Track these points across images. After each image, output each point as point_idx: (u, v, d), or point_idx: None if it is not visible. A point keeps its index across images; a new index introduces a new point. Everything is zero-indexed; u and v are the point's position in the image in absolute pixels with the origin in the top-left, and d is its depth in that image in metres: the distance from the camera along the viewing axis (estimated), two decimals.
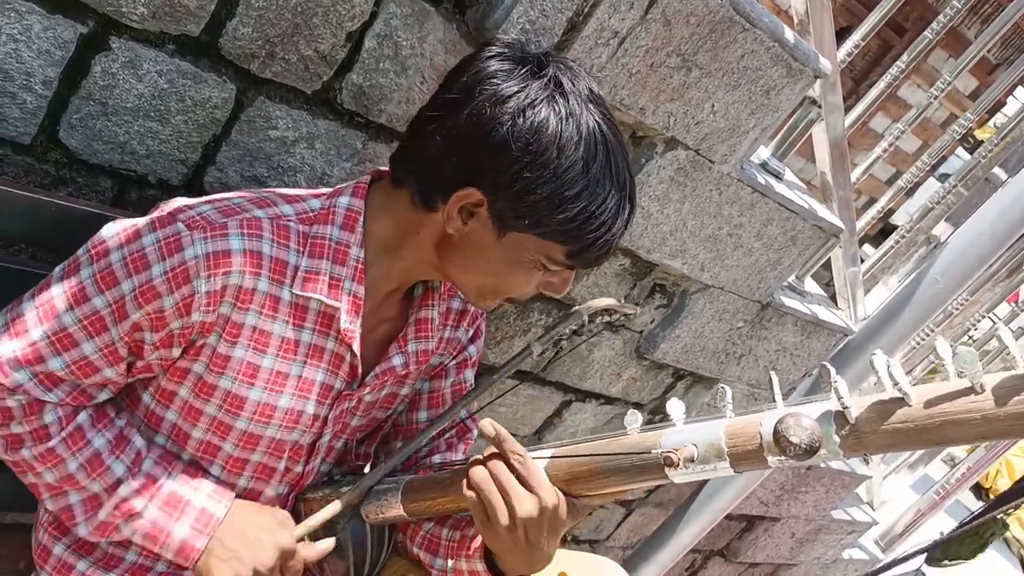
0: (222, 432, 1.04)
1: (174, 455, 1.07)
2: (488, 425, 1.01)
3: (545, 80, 0.94)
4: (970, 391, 0.78)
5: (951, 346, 0.81)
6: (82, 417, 1.01)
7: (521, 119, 0.92)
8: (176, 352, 0.99)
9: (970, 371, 0.77)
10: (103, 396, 1.02)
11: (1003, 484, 6.02)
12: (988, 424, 0.77)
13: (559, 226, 0.95)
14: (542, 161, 0.92)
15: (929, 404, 0.80)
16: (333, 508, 1.10)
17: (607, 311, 1.26)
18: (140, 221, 0.96)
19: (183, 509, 1.03)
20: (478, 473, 0.99)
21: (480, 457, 1.02)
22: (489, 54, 0.97)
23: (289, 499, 1.16)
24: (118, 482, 1.02)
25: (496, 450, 1.00)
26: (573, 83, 0.96)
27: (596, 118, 0.95)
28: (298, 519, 1.14)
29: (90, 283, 0.95)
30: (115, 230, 0.96)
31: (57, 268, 0.98)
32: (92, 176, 1.18)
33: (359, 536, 1.16)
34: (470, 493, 1.00)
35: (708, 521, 2.33)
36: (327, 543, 1.10)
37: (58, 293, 0.96)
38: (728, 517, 2.56)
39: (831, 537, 3.20)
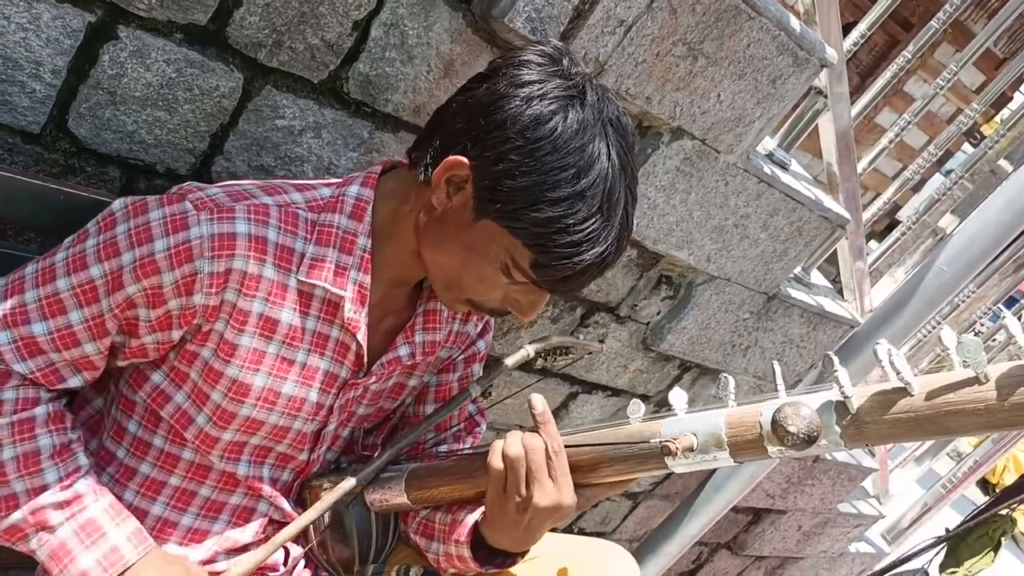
0: (224, 421, 1.04)
1: (106, 486, 1.03)
2: (537, 401, 1.01)
3: (569, 84, 0.94)
4: (974, 381, 0.78)
5: (956, 334, 0.81)
6: (39, 410, 0.98)
7: (528, 106, 0.92)
8: (176, 335, 0.98)
9: (974, 360, 0.77)
10: (73, 381, 1.00)
11: (1010, 480, 6.00)
12: (991, 415, 0.77)
13: (531, 226, 0.92)
14: (532, 150, 0.91)
15: (932, 394, 0.80)
16: (252, 557, 1.06)
17: (564, 349, 1.23)
18: (150, 198, 0.97)
19: (96, 540, 0.97)
20: (515, 449, 1.00)
21: (518, 432, 1.02)
22: (533, 49, 0.98)
23: (295, 486, 1.16)
24: (44, 487, 0.97)
25: (535, 431, 1.01)
26: (599, 101, 0.95)
27: (610, 140, 0.94)
28: (303, 506, 1.15)
29: (92, 252, 0.95)
30: (124, 204, 0.97)
31: (68, 238, 0.99)
32: (101, 165, 1.18)
33: (364, 524, 1.16)
34: (499, 463, 1.00)
35: (714, 513, 2.33)
36: None
37: (60, 259, 0.97)
38: (735, 510, 2.56)
39: (838, 530, 3.19)
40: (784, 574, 3.27)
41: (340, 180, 1.06)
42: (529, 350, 1.17)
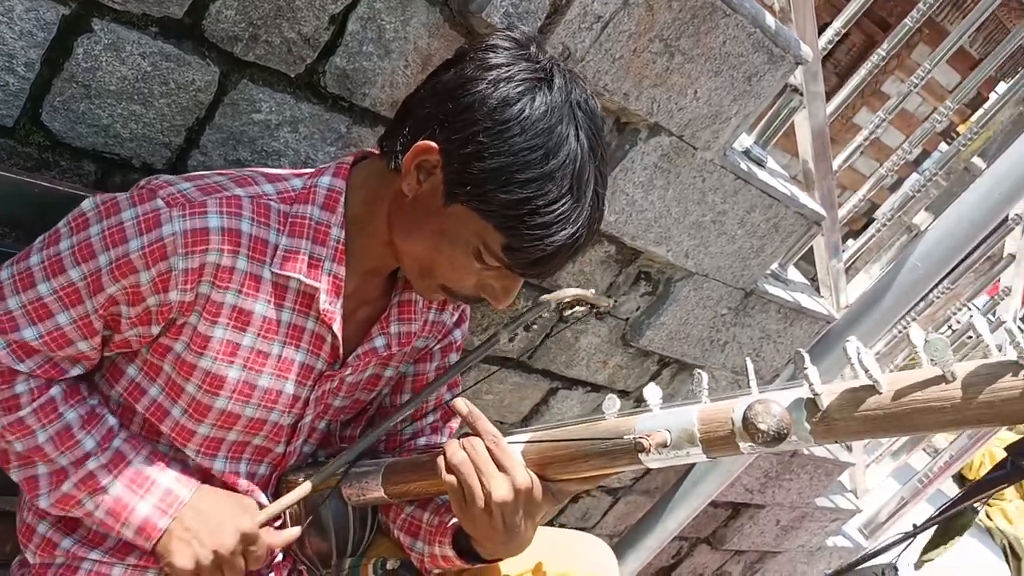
0: (200, 414, 1.04)
1: (144, 439, 1.07)
2: (461, 403, 1.02)
3: (536, 67, 0.95)
4: (941, 379, 0.79)
5: (925, 332, 0.82)
6: (55, 390, 1.02)
7: (495, 88, 0.92)
8: (155, 330, 0.99)
9: (941, 359, 0.78)
10: (75, 371, 1.03)
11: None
12: (957, 412, 0.78)
13: (501, 208, 0.93)
14: (500, 131, 0.91)
15: (900, 392, 0.81)
16: (299, 492, 1.09)
17: (580, 301, 1.23)
18: (120, 196, 0.97)
19: (148, 487, 1.03)
20: (457, 455, 1.00)
21: (456, 440, 1.02)
22: (500, 35, 0.98)
23: (272, 479, 1.16)
24: (86, 456, 1.02)
25: (472, 433, 1.02)
26: (567, 84, 0.95)
27: (579, 123, 0.94)
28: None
29: (68, 255, 0.96)
30: (95, 204, 0.97)
31: (38, 239, 0.99)
32: (75, 160, 1.18)
33: (341, 517, 1.17)
34: (449, 477, 1.01)
35: (693, 507, 2.35)
36: (292, 531, 1.10)
37: (36, 263, 0.97)
38: (713, 504, 2.58)
39: (815, 524, 3.22)
40: (763, 568, 3.30)
41: (312, 171, 1.06)
42: (550, 299, 1.16)
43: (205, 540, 1.02)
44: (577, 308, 1.20)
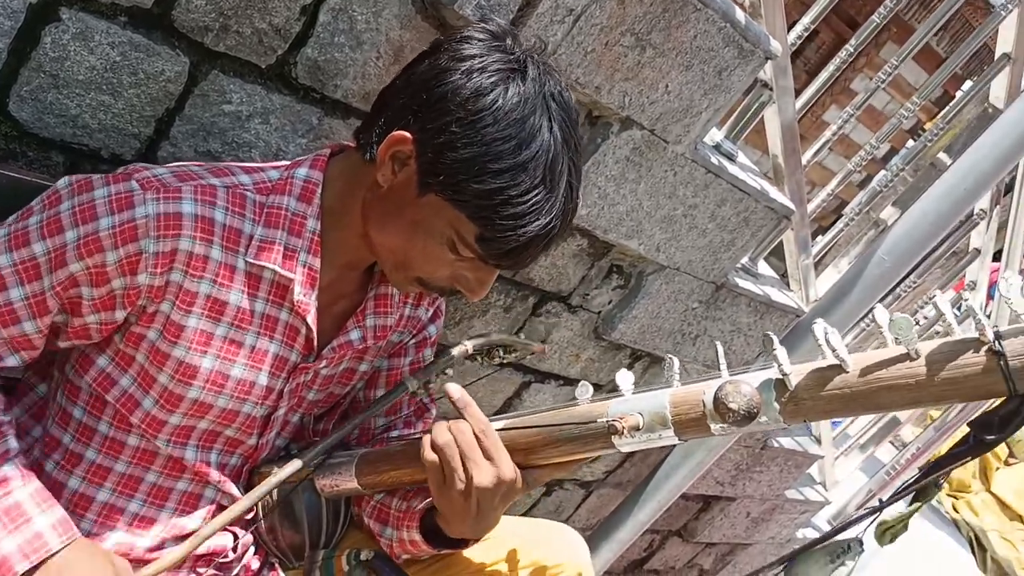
0: (172, 404, 1.03)
1: (35, 471, 0.99)
2: (454, 388, 1.02)
3: (510, 58, 0.95)
4: (905, 357, 0.81)
5: (889, 313, 0.84)
6: None
7: (468, 78, 0.93)
8: (119, 315, 0.98)
9: (905, 337, 0.80)
10: (10, 361, 0.98)
11: (955, 470, 6.13)
12: (921, 389, 0.80)
13: (474, 198, 0.93)
14: (473, 121, 0.92)
15: (865, 371, 0.83)
16: (212, 526, 1.03)
17: (504, 347, 1.21)
18: (96, 176, 0.97)
19: (19, 525, 0.93)
20: (443, 436, 1.00)
21: (443, 421, 1.03)
22: (476, 26, 0.99)
23: (243, 471, 1.16)
24: None
25: (460, 417, 1.02)
26: (541, 76, 0.96)
27: (552, 114, 0.95)
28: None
29: (35, 229, 0.94)
30: (69, 182, 0.96)
31: (12, 216, 0.98)
32: (43, 150, 1.16)
33: (314, 509, 1.17)
34: (432, 455, 1.01)
35: (665, 499, 2.37)
36: None
37: (2, 236, 0.96)
38: (685, 497, 2.60)
39: (785, 516, 3.26)
40: (734, 560, 3.33)
41: (288, 163, 1.06)
42: (467, 346, 1.16)
43: None
44: (506, 356, 1.20)
